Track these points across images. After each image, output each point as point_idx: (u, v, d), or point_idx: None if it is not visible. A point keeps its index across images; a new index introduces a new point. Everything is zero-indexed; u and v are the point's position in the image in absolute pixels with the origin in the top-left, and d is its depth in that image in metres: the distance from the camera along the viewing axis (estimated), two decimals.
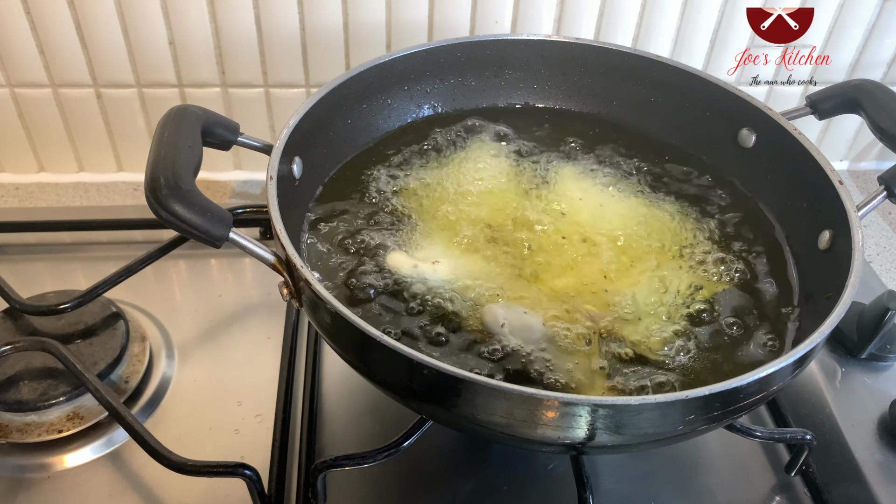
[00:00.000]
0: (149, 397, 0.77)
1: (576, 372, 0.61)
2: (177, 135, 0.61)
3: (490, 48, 0.87)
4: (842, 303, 0.57)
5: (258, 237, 0.95)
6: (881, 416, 0.76)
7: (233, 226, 0.57)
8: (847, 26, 1.01)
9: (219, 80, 0.99)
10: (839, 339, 0.82)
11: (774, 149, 0.77)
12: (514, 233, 0.73)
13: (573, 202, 0.77)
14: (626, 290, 0.68)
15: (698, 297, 0.68)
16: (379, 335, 0.52)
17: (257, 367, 0.80)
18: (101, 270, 0.82)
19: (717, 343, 0.65)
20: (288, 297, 0.61)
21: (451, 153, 0.83)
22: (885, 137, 0.72)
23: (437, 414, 0.59)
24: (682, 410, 0.53)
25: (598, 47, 0.87)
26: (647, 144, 0.85)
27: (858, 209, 0.66)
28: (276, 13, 0.93)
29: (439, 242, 0.72)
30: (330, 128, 0.78)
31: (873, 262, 1.03)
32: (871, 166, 1.19)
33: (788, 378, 0.57)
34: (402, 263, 0.69)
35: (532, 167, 0.81)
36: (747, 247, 0.74)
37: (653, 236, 0.74)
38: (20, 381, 0.74)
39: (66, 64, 0.96)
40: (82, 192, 1.05)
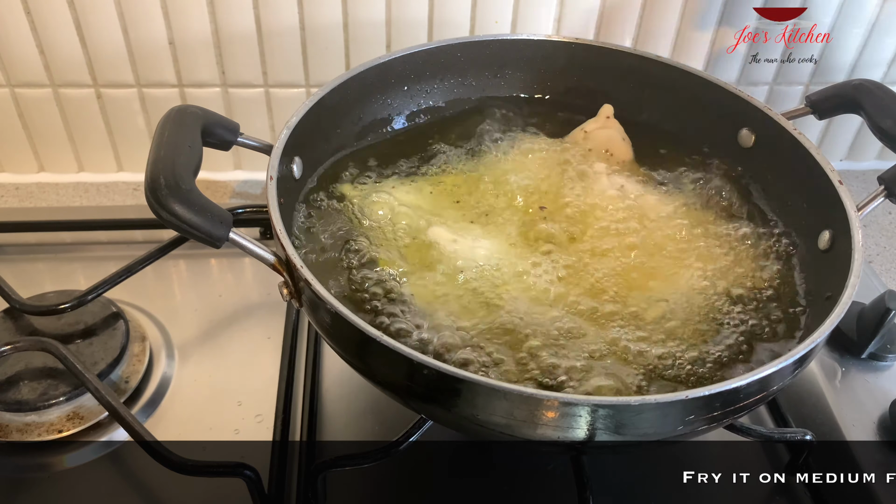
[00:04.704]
0: (149, 397, 0.77)
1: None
2: (177, 135, 0.61)
3: (490, 48, 0.87)
4: (842, 303, 0.57)
5: (258, 237, 0.95)
6: (881, 416, 0.76)
7: (233, 226, 0.57)
8: (847, 26, 1.01)
9: (219, 80, 0.99)
10: (839, 339, 0.82)
11: (774, 149, 0.77)
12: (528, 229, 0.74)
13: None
14: (624, 285, 0.68)
15: (699, 297, 0.68)
16: (379, 335, 0.52)
17: (257, 367, 0.80)
18: (101, 270, 0.82)
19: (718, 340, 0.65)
20: (288, 297, 0.61)
21: (452, 153, 0.83)
22: (885, 137, 0.72)
23: (437, 414, 0.59)
24: (682, 410, 0.53)
25: (598, 47, 0.87)
26: (647, 144, 0.85)
27: (858, 209, 0.66)
28: (276, 13, 0.93)
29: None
30: (330, 128, 0.78)
31: (873, 262, 1.02)
32: (871, 166, 1.19)
33: (788, 378, 0.57)
34: (443, 237, 0.70)
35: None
36: (746, 246, 0.74)
37: (653, 235, 0.74)
38: (20, 381, 0.74)
39: (66, 64, 0.96)
40: (82, 192, 1.05)
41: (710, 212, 0.78)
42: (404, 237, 0.72)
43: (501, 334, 0.63)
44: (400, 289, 0.66)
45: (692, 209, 0.78)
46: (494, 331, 0.63)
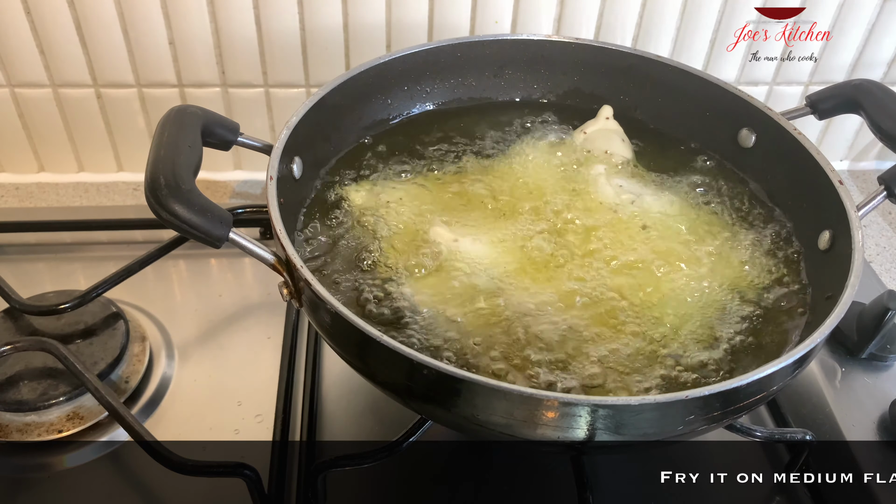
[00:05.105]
0: (149, 397, 0.77)
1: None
2: (177, 135, 0.61)
3: (490, 48, 0.87)
4: (842, 303, 0.57)
5: (258, 237, 0.95)
6: (881, 416, 0.76)
7: (233, 226, 0.57)
8: (847, 26, 1.01)
9: (219, 80, 0.99)
10: (839, 339, 0.82)
11: (774, 149, 0.77)
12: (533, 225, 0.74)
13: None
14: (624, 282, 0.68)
15: (699, 297, 0.68)
16: (379, 335, 0.52)
17: (257, 367, 0.80)
18: (101, 270, 0.82)
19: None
20: (288, 297, 0.61)
21: (452, 153, 0.83)
22: (885, 137, 0.72)
23: (437, 414, 0.59)
24: (681, 410, 0.53)
25: (598, 47, 0.87)
26: (647, 145, 0.85)
27: (858, 209, 0.66)
28: (276, 13, 0.93)
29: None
30: (330, 128, 0.78)
31: (873, 262, 1.03)
32: (871, 166, 1.19)
33: (788, 378, 0.57)
34: (443, 237, 0.70)
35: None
36: (746, 247, 0.74)
37: (652, 236, 0.74)
38: (20, 381, 0.74)
39: (66, 64, 0.96)
40: (82, 192, 1.05)
41: (710, 212, 0.78)
42: (404, 237, 0.72)
43: (502, 334, 0.63)
44: (400, 288, 0.66)
45: (692, 210, 0.78)
46: (495, 331, 0.63)
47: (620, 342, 0.63)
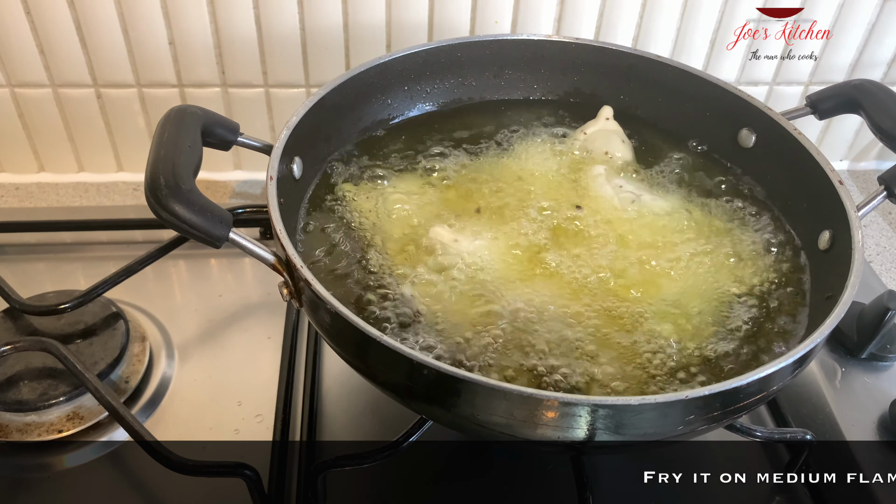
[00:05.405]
0: (149, 397, 0.77)
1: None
2: (177, 135, 0.61)
3: (490, 48, 0.87)
4: (842, 303, 0.57)
5: (258, 237, 0.95)
6: (881, 416, 0.76)
7: (233, 226, 0.57)
8: (847, 26, 1.01)
9: (219, 80, 0.99)
10: (839, 339, 0.82)
11: (774, 149, 0.77)
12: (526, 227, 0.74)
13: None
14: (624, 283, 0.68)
15: (699, 297, 0.68)
16: (379, 335, 0.52)
17: (257, 367, 0.80)
18: (101, 270, 0.82)
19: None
20: (288, 297, 0.61)
21: (452, 153, 0.83)
22: (885, 137, 0.72)
23: (437, 414, 0.59)
24: (681, 410, 0.53)
25: (598, 47, 0.87)
26: (647, 145, 0.85)
27: (858, 209, 0.66)
28: (276, 13, 0.93)
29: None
30: (330, 128, 0.78)
31: (873, 262, 1.02)
32: (871, 166, 1.19)
33: (788, 378, 0.57)
34: (443, 237, 0.70)
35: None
36: (746, 247, 0.74)
37: (652, 235, 0.74)
38: (20, 381, 0.74)
39: (66, 64, 0.96)
40: (82, 192, 1.05)
41: (710, 212, 0.78)
42: (405, 237, 0.72)
43: (502, 334, 0.63)
44: (400, 288, 0.66)
45: (692, 210, 0.78)
46: (495, 330, 0.63)
47: (620, 342, 0.64)
